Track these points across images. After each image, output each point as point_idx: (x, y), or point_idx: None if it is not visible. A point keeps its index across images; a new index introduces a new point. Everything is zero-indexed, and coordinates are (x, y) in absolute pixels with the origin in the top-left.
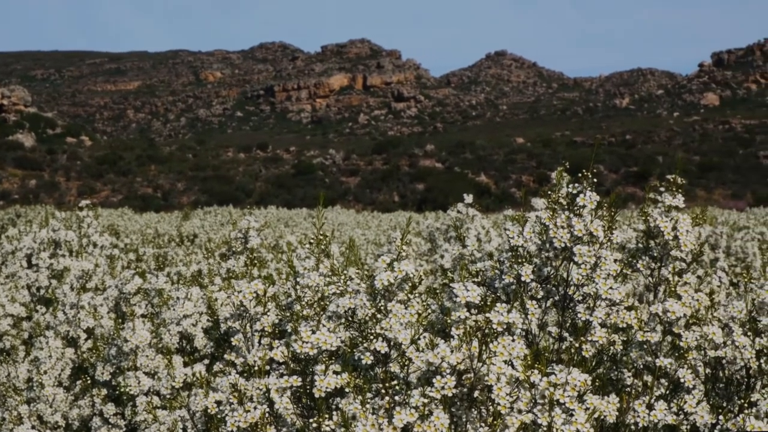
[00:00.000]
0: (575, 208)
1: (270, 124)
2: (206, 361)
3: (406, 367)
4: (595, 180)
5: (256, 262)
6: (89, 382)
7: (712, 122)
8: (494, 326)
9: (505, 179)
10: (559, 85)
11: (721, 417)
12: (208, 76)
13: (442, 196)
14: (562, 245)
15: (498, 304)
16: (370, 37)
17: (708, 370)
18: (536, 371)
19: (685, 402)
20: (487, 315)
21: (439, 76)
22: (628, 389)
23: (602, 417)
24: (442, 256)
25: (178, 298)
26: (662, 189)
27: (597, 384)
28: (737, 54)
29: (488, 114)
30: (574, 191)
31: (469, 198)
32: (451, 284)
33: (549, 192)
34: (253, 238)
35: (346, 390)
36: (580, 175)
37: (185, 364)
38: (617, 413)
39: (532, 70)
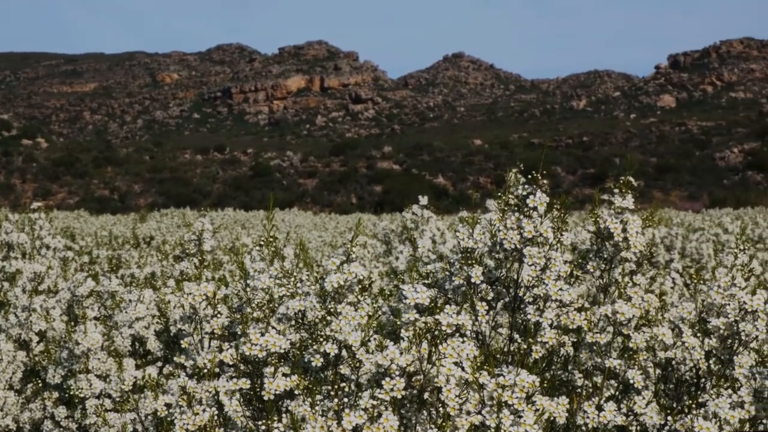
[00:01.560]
0: (526, 209)
1: (227, 126)
2: (159, 364)
3: (356, 369)
4: (545, 181)
5: (208, 264)
6: (41, 385)
7: (668, 124)
8: (443, 328)
9: (463, 181)
10: (516, 87)
11: (669, 418)
12: (164, 77)
13: (400, 198)
14: (512, 247)
15: (447, 306)
16: (327, 39)
17: (658, 371)
18: (485, 373)
19: (635, 403)
20: (437, 317)
21: (397, 77)
22: (579, 390)
23: (552, 418)
24: (396, 258)
25: (130, 300)
26: (615, 190)
27: (547, 385)
28: (693, 56)
29: (446, 116)
30: (524, 193)
31: (423, 200)
32: (401, 286)
33: (499, 194)
34: (207, 240)
35: (296, 392)
36: (529, 176)
37: (138, 367)
38: (567, 414)
39: (489, 72)
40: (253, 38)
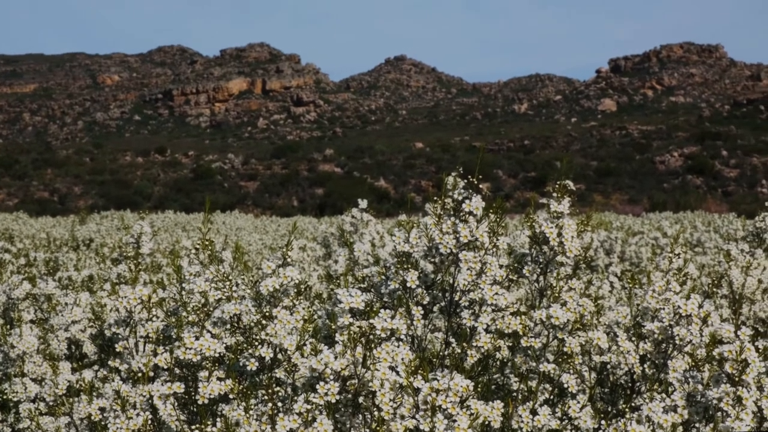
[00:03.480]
0: (461, 214)
1: (168, 128)
2: (96, 368)
3: (292, 374)
4: (486, 185)
5: (147, 267)
6: None
7: (609, 128)
8: (378, 332)
9: (405, 184)
10: (458, 91)
11: (603, 422)
12: (105, 79)
13: (342, 201)
14: (448, 251)
15: (382, 310)
16: (269, 41)
17: (594, 375)
18: (419, 377)
19: (569, 407)
20: (371, 321)
21: (339, 80)
22: (515, 394)
23: (488, 422)
24: (336, 262)
25: (67, 303)
26: (554, 194)
27: (481, 389)
28: (634, 60)
29: (387, 119)
30: (460, 197)
31: (363, 203)
32: (335, 290)
33: (435, 198)
34: (145, 243)
35: (231, 396)
36: (466, 180)
37: (74, 371)
38: (503, 418)
39: (431, 75)
40: (194, 40)
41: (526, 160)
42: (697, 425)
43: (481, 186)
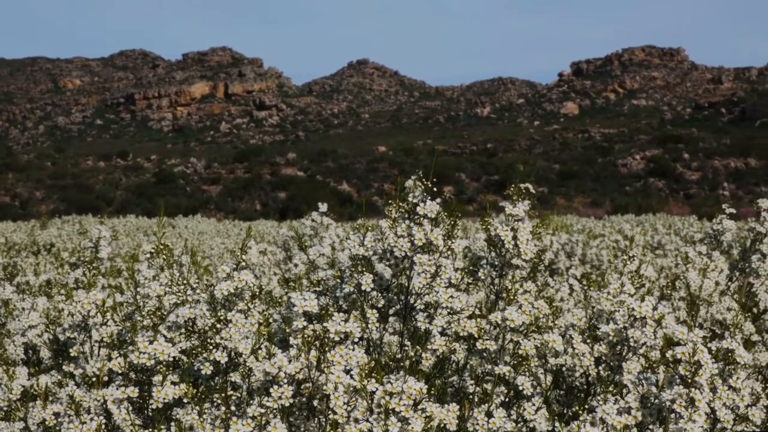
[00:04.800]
0: (416, 217)
1: (130, 132)
2: (54, 372)
3: (247, 377)
4: (443, 189)
5: (106, 271)
6: None
7: (571, 131)
8: (331, 335)
9: (367, 188)
10: (421, 94)
11: (557, 424)
12: (67, 83)
13: (304, 205)
14: (403, 254)
15: (336, 314)
16: (231, 45)
17: (550, 378)
18: (373, 380)
19: (524, 409)
20: (325, 324)
21: (301, 84)
22: (471, 397)
23: (443, 425)
24: (296, 266)
25: (23, 308)
26: (514, 197)
27: (435, 392)
28: (596, 64)
29: (350, 122)
30: (415, 200)
31: (323, 207)
32: (290, 293)
33: (389, 201)
34: (104, 247)
35: (185, 400)
36: (420, 184)
37: (31, 376)
38: (458, 421)
39: (394, 78)
40: (156, 44)
41: (489, 163)
42: (651, 427)
43: (443, 189)
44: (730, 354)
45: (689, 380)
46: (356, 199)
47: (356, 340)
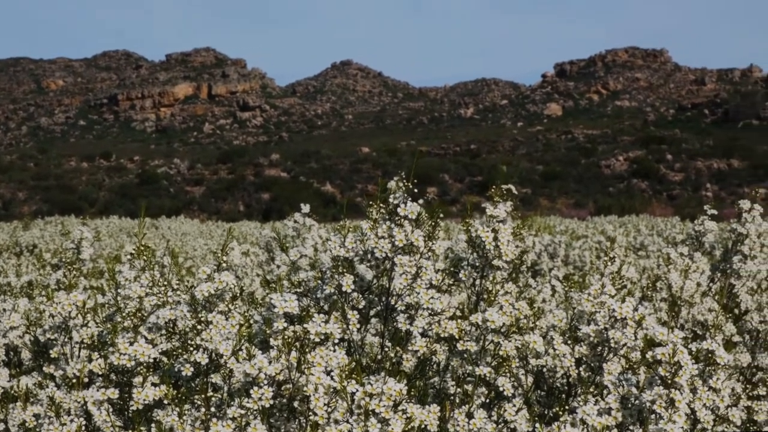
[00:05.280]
0: (397, 218)
1: (114, 132)
2: (34, 374)
3: (228, 379)
4: (427, 190)
5: (86, 272)
6: None
7: (555, 132)
8: (312, 336)
9: (351, 189)
10: (404, 95)
11: (537, 425)
12: (50, 84)
13: (288, 206)
14: (384, 255)
15: (316, 315)
16: (215, 46)
17: (531, 379)
18: (353, 381)
19: (505, 410)
20: (305, 325)
21: (285, 85)
22: (452, 398)
23: (423, 426)
24: (278, 267)
25: (4, 309)
26: (496, 198)
27: (415, 393)
28: (579, 65)
29: (334, 123)
30: (396, 201)
31: (306, 208)
32: (270, 295)
33: (370, 202)
34: (85, 248)
35: (165, 402)
36: (400, 185)
37: (12, 377)
38: (439, 422)
39: (377, 79)
40: (139, 44)
41: (473, 164)
42: (631, 428)
43: (427, 190)
44: (710, 355)
45: (669, 381)
46: (340, 200)
47: (337, 341)
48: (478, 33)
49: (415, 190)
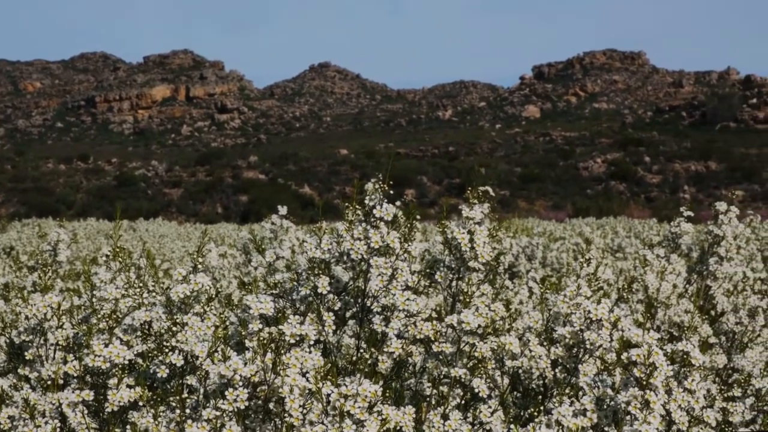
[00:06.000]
0: (373, 219)
1: (91, 135)
2: (10, 376)
3: (204, 380)
4: (396, 192)
5: (63, 274)
6: None
7: (533, 134)
8: (287, 338)
9: (329, 191)
10: (382, 97)
11: (512, 426)
12: (27, 86)
13: (266, 208)
14: (359, 257)
15: (291, 316)
16: (192, 48)
17: (507, 380)
18: (328, 382)
19: (480, 411)
20: (280, 327)
21: (263, 87)
22: (429, 400)
23: (399, 427)
24: (256, 268)
25: None
26: (472, 200)
27: (390, 395)
28: (557, 67)
29: (312, 125)
30: (372, 203)
31: (283, 210)
32: (245, 296)
33: (347, 204)
34: (62, 251)
35: (140, 404)
36: (376, 187)
37: None
38: (414, 424)
39: (355, 81)
40: (117, 46)
41: (451, 166)
42: (606, 429)
43: (405, 192)
44: (685, 356)
45: (644, 382)
46: (318, 202)
47: (312, 342)
48: (456, 35)
49: (391, 192)
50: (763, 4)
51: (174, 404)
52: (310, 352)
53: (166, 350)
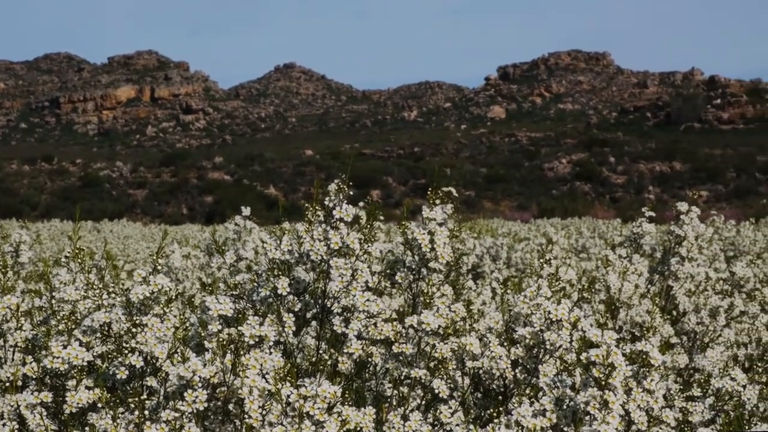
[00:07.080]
0: (333, 220)
1: (56, 136)
2: None
3: (164, 382)
4: (359, 192)
5: (21, 275)
6: None
7: (498, 135)
8: (246, 339)
9: (295, 191)
10: (348, 98)
11: (472, 426)
12: None
13: (231, 209)
14: (319, 258)
15: (251, 317)
16: (157, 49)
17: (468, 381)
18: (288, 384)
19: (441, 412)
20: (240, 328)
21: (228, 88)
22: (389, 400)
23: (359, 428)
24: (219, 269)
25: None
26: (434, 200)
27: (349, 395)
28: (522, 68)
29: (277, 126)
30: (331, 204)
31: (246, 211)
32: (205, 297)
33: (306, 205)
34: (24, 252)
35: (99, 405)
36: (337, 188)
37: None
38: (375, 424)
39: (321, 82)
40: (82, 47)
41: (416, 167)
42: (565, 429)
43: (371, 193)
44: (644, 356)
45: (603, 382)
46: (283, 202)
47: (272, 343)
48: (422, 36)
49: (353, 193)
50: (727, 5)
51: (133, 406)
52: (270, 353)
53: (126, 352)
